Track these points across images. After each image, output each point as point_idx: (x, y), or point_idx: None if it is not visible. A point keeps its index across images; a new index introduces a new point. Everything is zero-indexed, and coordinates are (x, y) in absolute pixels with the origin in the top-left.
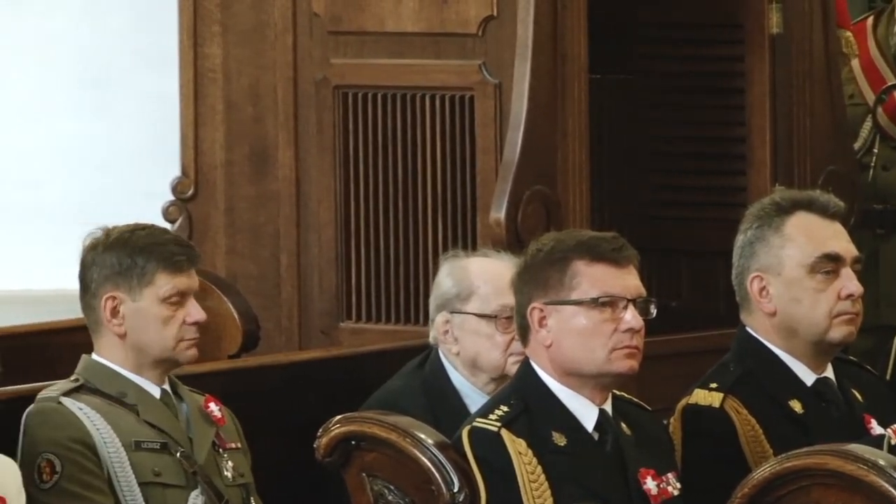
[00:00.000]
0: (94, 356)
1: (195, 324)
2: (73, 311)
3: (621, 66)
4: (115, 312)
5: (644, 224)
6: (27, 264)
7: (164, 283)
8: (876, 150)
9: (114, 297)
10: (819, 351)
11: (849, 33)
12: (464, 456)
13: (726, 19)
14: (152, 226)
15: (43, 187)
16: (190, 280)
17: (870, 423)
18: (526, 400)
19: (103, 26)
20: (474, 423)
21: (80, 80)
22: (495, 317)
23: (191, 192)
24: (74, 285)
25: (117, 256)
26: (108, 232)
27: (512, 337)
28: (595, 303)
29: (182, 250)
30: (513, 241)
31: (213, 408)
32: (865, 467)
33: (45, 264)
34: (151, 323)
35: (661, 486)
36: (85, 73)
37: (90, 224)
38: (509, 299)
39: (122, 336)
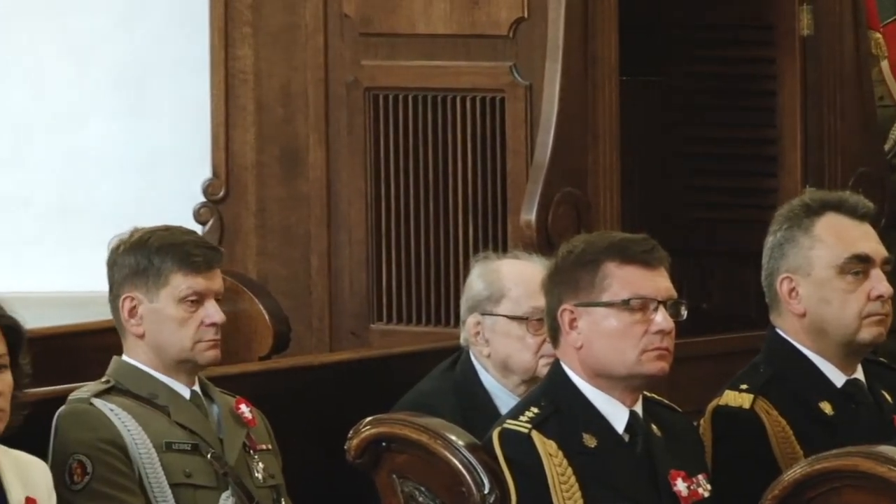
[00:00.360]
0: (125, 357)
1: (213, 325)
2: (108, 313)
3: (651, 68)
4: (133, 313)
5: (674, 225)
6: (62, 266)
7: (180, 284)
8: None
9: (132, 298)
10: (849, 352)
11: (878, 35)
12: (494, 457)
13: (757, 21)
14: (177, 227)
15: (76, 189)
16: (209, 281)
17: None
18: (556, 401)
19: (136, 29)
20: (505, 425)
21: (112, 83)
22: (526, 319)
23: (222, 193)
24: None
25: (135, 257)
26: (132, 233)
27: (543, 339)
28: (626, 304)
29: (200, 251)
30: (543, 243)
31: (244, 409)
32: None
33: (80, 266)
34: (168, 324)
35: (692, 487)
36: (117, 76)
37: (122, 225)
38: (540, 301)
39: (141, 336)
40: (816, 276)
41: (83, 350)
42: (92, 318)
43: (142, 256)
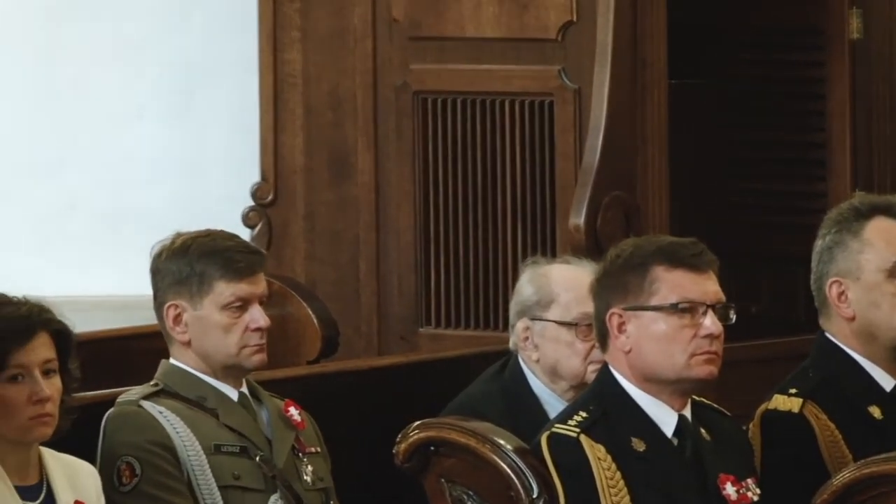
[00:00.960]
0: (173, 361)
1: (259, 330)
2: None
3: (700, 71)
4: (177, 320)
5: (723, 229)
6: (111, 269)
7: (224, 291)
8: None
9: (176, 306)
10: None
11: None
12: (543, 462)
13: (806, 25)
14: (219, 232)
15: (125, 193)
16: (252, 286)
17: None
18: (605, 405)
19: (185, 33)
20: (553, 429)
21: (161, 86)
22: (576, 324)
23: (270, 197)
24: None
25: (178, 265)
26: (174, 239)
27: (592, 345)
28: (674, 308)
29: (243, 257)
30: (592, 247)
31: (293, 412)
32: None
33: (128, 269)
34: (213, 331)
35: (741, 491)
36: (166, 80)
37: (170, 229)
38: (590, 307)
39: (187, 343)
40: (865, 279)
41: (131, 354)
42: (140, 322)
43: (184, 264)
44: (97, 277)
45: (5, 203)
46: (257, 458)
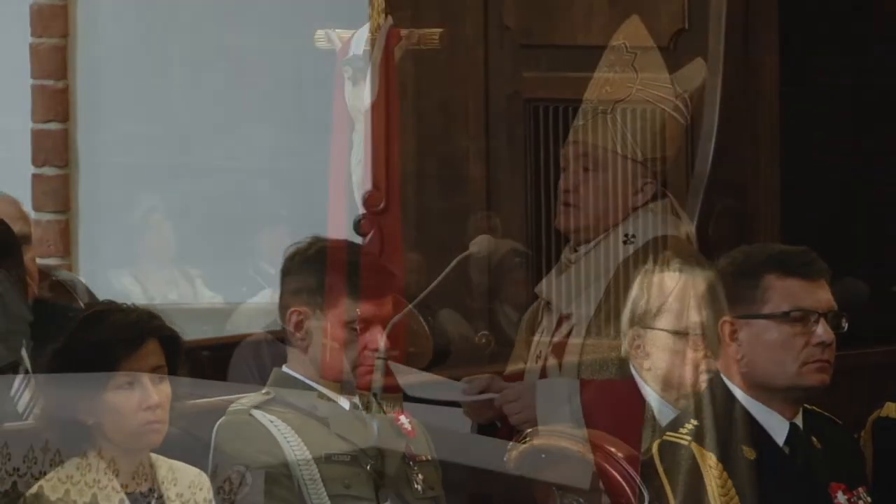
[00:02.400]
0: (286, 369)
1: (375, 351)
2: (272, 325)
3: (813, 78)
4: (299, 326)
5: (835, 237)
6: (223, 277)
7: (349, 308)
8: None
9: (299, 312)
10: None
11: None
12: (654, 469)
13: None
14: (357, 246)
15: (238, 200)
16: (376, 308)
17: None
18: (716, 414)
19: (297, 40)
20: (665, 437)
21: (271, 93)
22: (687, 333)
23: (382, 205)
24: (269, 299)
25: (307, 272)
26: (310, 243)
27: (703, 354)
28: (786, 317)
29: (374, 277)
30: (703, 255)
31: (403, 420)
32: None
33: (241, 277)
34: (332, 344)
35: (852, 500)
36: (276, 87)
37: (283, 236)
38: (702, 316)
39: (304, 350)
40: None
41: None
42: (256, 329)
43: (315, 272)
44: (208, 285)
45: (119, 211)
46: (368, 467)
